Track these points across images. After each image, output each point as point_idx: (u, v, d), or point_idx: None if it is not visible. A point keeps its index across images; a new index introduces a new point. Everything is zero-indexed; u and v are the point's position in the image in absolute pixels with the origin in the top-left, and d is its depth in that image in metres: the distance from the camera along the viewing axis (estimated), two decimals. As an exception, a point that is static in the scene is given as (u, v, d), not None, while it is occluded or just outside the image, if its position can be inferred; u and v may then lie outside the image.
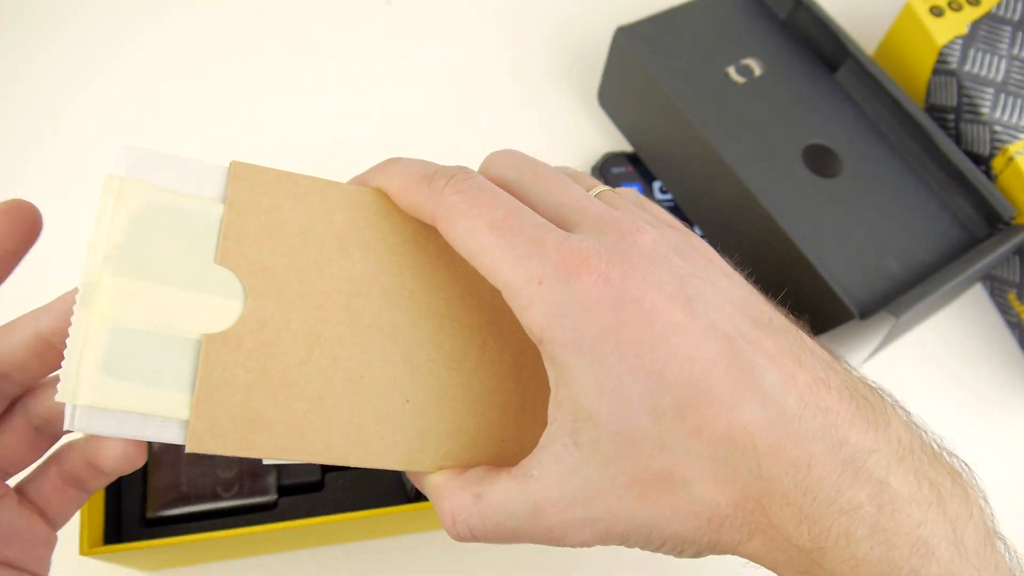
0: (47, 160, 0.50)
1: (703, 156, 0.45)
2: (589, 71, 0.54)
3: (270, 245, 0.24)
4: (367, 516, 0.35)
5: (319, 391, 0.24)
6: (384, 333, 0.26)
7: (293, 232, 0.25)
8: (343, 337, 0.25)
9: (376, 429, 0.25)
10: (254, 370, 0.23)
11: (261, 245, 0.24)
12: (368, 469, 0.38)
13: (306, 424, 0.24)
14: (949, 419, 0.47)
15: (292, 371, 0.24)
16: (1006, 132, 0.45)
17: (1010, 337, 0.49)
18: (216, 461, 0.38)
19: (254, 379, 0.23)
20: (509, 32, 0.55)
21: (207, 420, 0.22)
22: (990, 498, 0.27)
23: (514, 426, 0.27)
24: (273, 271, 0.24)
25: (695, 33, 0.48)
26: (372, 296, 0.26)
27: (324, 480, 0.39)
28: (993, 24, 0.48)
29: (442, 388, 0.26)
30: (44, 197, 0.27)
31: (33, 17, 0.54)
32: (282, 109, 0.52)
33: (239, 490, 0.38)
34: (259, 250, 0.24)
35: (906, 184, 0.46)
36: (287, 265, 0.24)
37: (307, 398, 0.24)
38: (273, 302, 0.24)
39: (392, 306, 0.26)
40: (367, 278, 0.26)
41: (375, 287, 0.26)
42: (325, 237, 0.25)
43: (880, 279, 0.42)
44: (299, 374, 0.24)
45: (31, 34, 0.54)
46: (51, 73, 0.53)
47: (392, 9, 0.56)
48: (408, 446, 0.25)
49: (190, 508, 0.37)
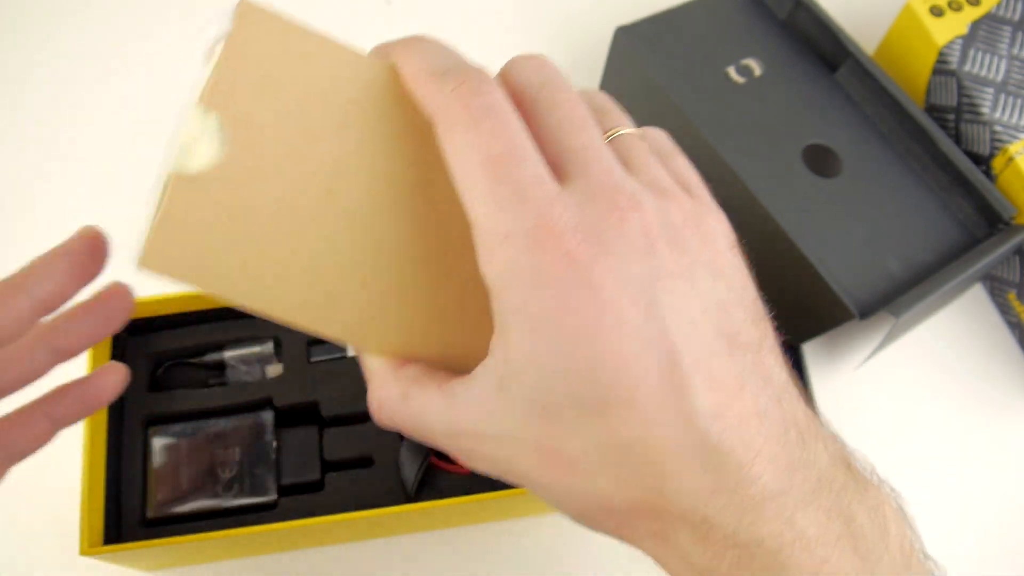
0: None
1: (703, 156, 0.45)
2: (589, 71, 0.54)
3: (264, 101, 0.23)
4: (367, 516, 0.35)
5: (279, 253, 0.24)
6: (359, 220, 0.25)
7: (292, 95, 0.23)
8: (316, 214, 0.24)
9: (327, 301, 0.25)
10: (219, 216, 0.23)
11: (254, 97, 0.23)
12: (367, 470, 0.38)
13: (260, 275, 0.24)
14: (949, 419, 0.47)
15: (255, 228, 0.23)
16: (1006, 132, 0.45)
17: (1010, 337, 0.49)
18: (216, 460, 0.38)
19: (217, 223, 0.23)
20: (509, 32, 0.55)
21: (162, 242, 0.22)
22: (988, 503, 0.27)
23: (462, 338, 0.27)
24: (260, 128, 0.23)
25: (695, 33, 0.48)
26: (357, 182, 0.24)
27: (324, 480, 0.39)
28: (993, 24, 0.48)
29: (403, 284, 0.26)
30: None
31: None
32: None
33: (239, 490, 0.38)
34: (250, 102, 0.23)
35: (906, 184, 0.46)
36: (277, 126, 0.23)
37: (265, 256, 0.24)
38: (253, 159, 0.23)
39: (375, 196, 0.25)
40: (357, 162, 0.24)
41: (363, 173, 0.25)
42: (325, 109, 0.24)
43: (880, 279, 0.42)
44: (262, 234, 0.23)
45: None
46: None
47: (392, 9, 0.56)
48: (355, 324, 0.25)
49: (190, 507, 0.37)
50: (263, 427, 0.39)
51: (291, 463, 0.39)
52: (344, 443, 0.39)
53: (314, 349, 0.40)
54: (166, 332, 0.40)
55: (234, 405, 0.39)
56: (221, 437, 0.38)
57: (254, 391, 0.39)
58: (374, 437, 0.39)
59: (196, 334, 0.40)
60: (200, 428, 0.39)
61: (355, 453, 0.39)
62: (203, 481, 0.38)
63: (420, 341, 0.27)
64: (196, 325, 0.40)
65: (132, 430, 0.38)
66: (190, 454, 0.38)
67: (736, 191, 0.44)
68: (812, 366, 0.47)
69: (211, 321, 0.40)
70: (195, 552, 0.38)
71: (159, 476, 0.38)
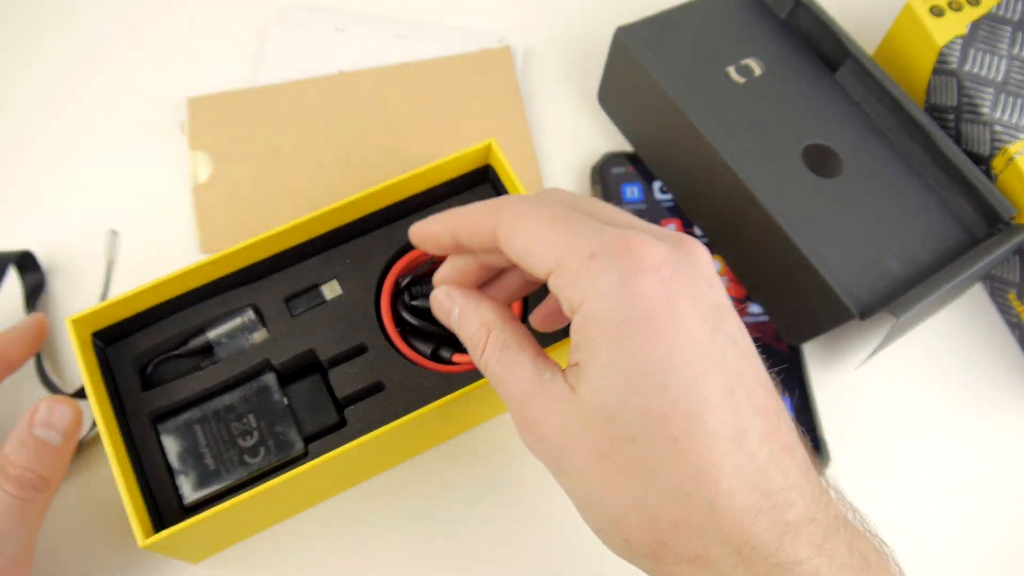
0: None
1: (703, 156, 0.45)
2: (589, 71, 0.54)
3: (224, 135, 0.48)
4: (405, 422, 0.36)
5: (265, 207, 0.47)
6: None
7: (238, 129, 0.48)
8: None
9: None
10: (226, 197, 0.48)
11: (217, 135, 0.49)
12: (381, 395, 0.40)
13: (262, 221, 0.46)
14: (949, 419, 0.47)
15: (247, 196, 0.48)
16: (1006, 132, 0.45)
17: (1010, 337, 0.49)
18: (234, 432, 0.38)
19: (226, 202, 0.48)
20: (508, 32, 0.55)
21: (207, 230, 0.48)
22: (988, 503, 0.28)
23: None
24: (227, 148, 0.49)
25: (695, 33, 0.48)
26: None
27: (344, 417, 0.39)
28: (993, 24, 0.48)
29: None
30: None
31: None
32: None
33: (266, 452, 0.38)
34: (217, 138, 0.49)
35: (906, 184, 0.46)
36: (237, 144, 0.48)
37: (258, 211, 0.48)
38: (229, 162, 0.49)
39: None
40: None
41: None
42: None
43: (880, 279, 0.42)
44: (252, 199, 0.48)
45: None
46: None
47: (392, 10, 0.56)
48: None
49: (223, 484, 0.38)
50: (269, 388, 0.39)
51: (307, 414, 0.39)
52: (350, 378, 0.40)
53: (292, 304, 0.41)
54: (143, 332, 0.40)
55: (233, 378, 0.39)
56: (231, 410, 0.39)
57: (249, 359, 0.39)
58: (377, 363, 0.40)
59: (174, 324, 0.40)
60: (208, 409, 0.39)
61: (364, 383, 0.39)
62: (229, 455, 0.38)
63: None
64: (171, 316, 0.40)
65: (142, 432, 0.38)
66: (207, 435, 0.38)
67: (736, 191, 0.44)
68: (812, 366, 0.47)
69: (184, 308, 0.40)
70: (248, 517, 0.39)
71: (183, 465, 0.38)
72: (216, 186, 0.49)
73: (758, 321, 0.47)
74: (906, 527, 0.44)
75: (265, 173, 0.50)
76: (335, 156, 0.50)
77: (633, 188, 0.50)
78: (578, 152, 0.52)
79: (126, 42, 0.54)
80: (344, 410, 0.39)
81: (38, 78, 0.53)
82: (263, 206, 0.49)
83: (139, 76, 0.53)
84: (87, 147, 0.51)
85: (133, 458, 0.37)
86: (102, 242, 0.48)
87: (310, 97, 0.52)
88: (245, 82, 0.53)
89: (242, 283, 0.41)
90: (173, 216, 0.49)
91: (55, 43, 0.54)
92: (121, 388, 0.39)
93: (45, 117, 0.52)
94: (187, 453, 0.38)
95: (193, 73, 0.53)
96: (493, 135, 0.47)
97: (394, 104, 0.52)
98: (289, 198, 0.49)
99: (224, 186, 0.49)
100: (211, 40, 0.54)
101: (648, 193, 0.50)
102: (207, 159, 0.49)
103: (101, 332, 0.38)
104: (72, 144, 0.51)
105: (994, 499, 0.45)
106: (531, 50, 0.55)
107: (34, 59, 0.53)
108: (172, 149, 0.51)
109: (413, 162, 0.50)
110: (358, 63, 0.53)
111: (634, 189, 0.50)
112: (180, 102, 0.51)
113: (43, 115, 0.52)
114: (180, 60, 0.54)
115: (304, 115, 0.51)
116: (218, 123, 0.50)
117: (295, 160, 0.50)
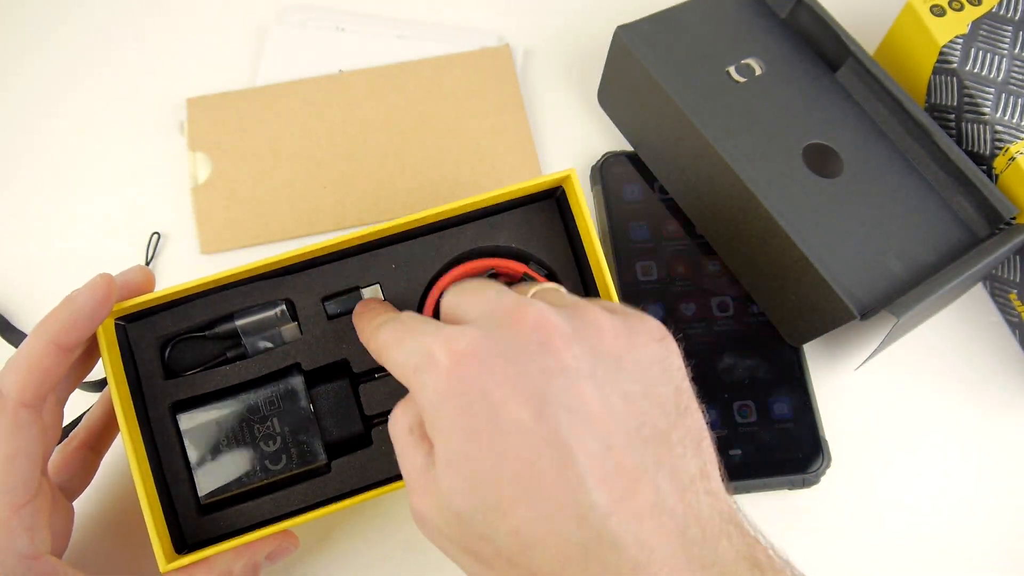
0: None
1: (703, 156, 0.45)
2: (589, 71, 0.54)
3: (223, 135, 0.49)
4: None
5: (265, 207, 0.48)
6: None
7: (237, 129, 0.49)
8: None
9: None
10: (225, 197, 0.49)
11: (216, 136, 0.49)
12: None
13: (262, 221, 0.48)
14: (950, 420, 0.47)
15: (247, 197, 0.49)
16: (1007, 132, 0.45)
17: (1011, 337, 0.49)
18: (257, 434, 0.37)
19: (226, 202, 0.49)
20: (508, 32, 0.55)
21: (207, 231, 0.48)
22: (988, 503, 0.27)
23: None
24: (226, 148, 0.50)
25: (695, 32, 0.48)
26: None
27: (370, 435, 0.38)
28: (994, 23, 0.48)
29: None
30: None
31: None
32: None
33: (287, 461, 0.37)
34: (216, 138, 0.50)
35: (907, 184, 0.46)
36: (236, 145, 0.49)
37: (257, 211, 0.48)
38: (229, 163, 0.49)
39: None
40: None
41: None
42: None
43: (881, 279, 0.42)
44: (251, 199, 0.49)
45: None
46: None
47: (393, 10, 0.56)
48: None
49: (242, 487, 0.37)
50: (296, 393, 0.37)
51: (331, 422, 0.38)
52: (383, 397, 0.38)
53: (329, 305, 0.39)
54: (168, 312, 0.38)
55: (261, 377, 0.38)
56: (255, 410, 0.37)
57: (278, 360, 0.38)
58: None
59: (202, 308, 0.38)
60: (231, 406, 0.37)
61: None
62: (249, 457, 0.37)
63: None
64: (200, 298, 0.38)
65: (160, 420, 0.37)
66: (228, 433, 0.37)
67: (736, 191, 0.43)
68: (812, 366, 0.47)
69: (213, 294, 0.38)
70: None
71: (201, 460, 0.37)
72: (216, 187, 0.49)
73: (758, 321, 0.47)
74: (906, 527, 0.44)
75: (265, 173, 0.50)
76: (335, 156, 0.50)
77: (633, 188, 0.50)
78: (578, 152, 0.52)
79: (125, 43, 0.54)
80: (372, 429, 0.38)
81: (37, 79, 0.53)
82: (263, 206, 0.49)
83: (138, 77, 0.53)
84: (86, 148, 0.51)
85: (150, 448, 0.36)
86: (103, 243, 0.48)
87: (310, 97, 0.52)
88: (244, 82, 0.53)
89: (277, 275, 0.38)
90: (173, 217, 0.49)
91: (54, 44, 0.54)
92: (142, 373, 0.37)
93: (44, 117, 0.52)
94: (206, 448, 0.37)
95: (192, 73, 0.53)
96: (493, 134, 0.47)
97: (394, 103, 0.52)
98: (289, 198, 0.49)
99: (224, 187, 0.49)
100: (210, 40, 0.54)
101: (648, 193, 0.50)
102: (207, 160, 0.49)
103: (125, 316, 0.37)
104: (71, 145, 0.51)
105: (995, 499, 0.45)
106: (531, 50, 0.55)
107: (34, 60, 0.53)
108: (171, 150, 0.51)
109: (413, 162, 0.50)
110: (358, 63, 0.53)
111: (634, 189, 0.50)
112: (179, 103, 0.51)
113: (42, 115, 0.52)
114: (179, 60, 0.54)
115: (304, 115, 0.51)
116: (217, 123, 0.50)
117: (295, 160, 0.50)
